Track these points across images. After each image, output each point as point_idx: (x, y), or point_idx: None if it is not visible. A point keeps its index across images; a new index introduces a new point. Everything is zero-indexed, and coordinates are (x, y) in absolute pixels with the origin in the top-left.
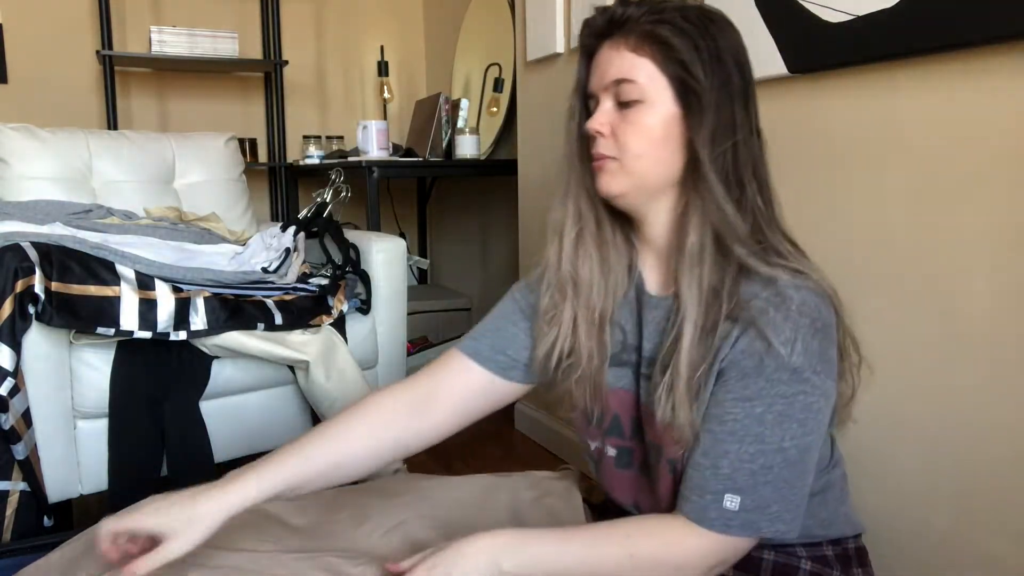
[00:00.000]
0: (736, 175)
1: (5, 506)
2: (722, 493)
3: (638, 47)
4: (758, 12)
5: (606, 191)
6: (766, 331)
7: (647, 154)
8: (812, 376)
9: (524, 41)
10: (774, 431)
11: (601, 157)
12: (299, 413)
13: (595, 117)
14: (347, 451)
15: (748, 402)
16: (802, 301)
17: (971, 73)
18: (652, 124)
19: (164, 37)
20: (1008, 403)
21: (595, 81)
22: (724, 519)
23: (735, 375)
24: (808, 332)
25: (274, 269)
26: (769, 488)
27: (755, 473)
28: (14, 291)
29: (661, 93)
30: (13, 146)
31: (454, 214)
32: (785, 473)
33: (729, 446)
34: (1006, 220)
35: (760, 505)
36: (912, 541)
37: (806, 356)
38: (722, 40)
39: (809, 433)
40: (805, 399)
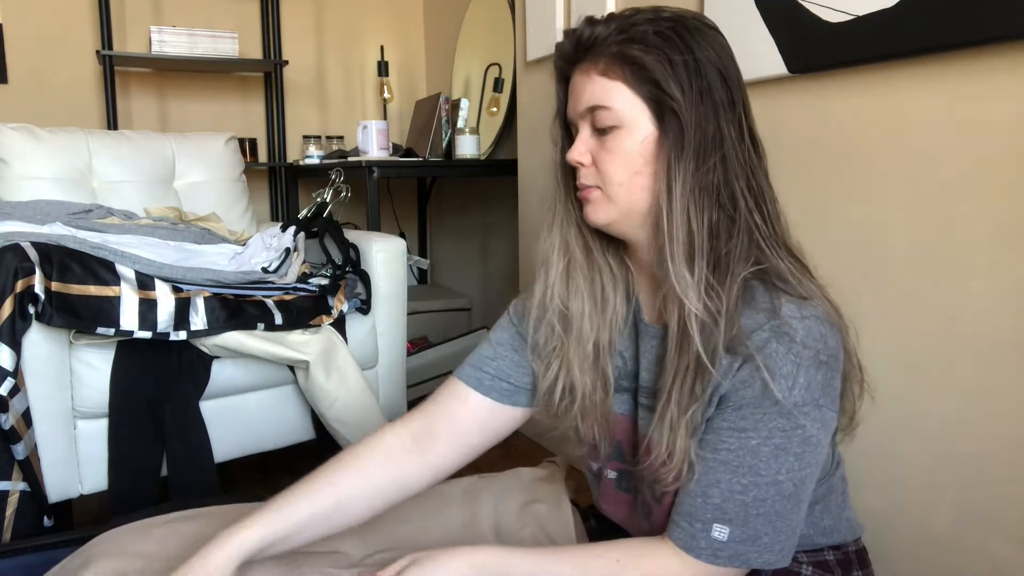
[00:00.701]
0: (728, 191)
1: (5, 506)
2: (711, 523)
3: (608, 70)
4: (758, 12)
5: (593, 221)
6: (767, 364)
7: (629, 181)
8: (812, 411)
9: (524, 41)
10: (769, 464)
11: (584, 188)
12: (299, 413)
13: (574, 147)
14: (342, 495)
15: (743, 433)
16: (806, 332)
17: (971, 73)
18: (631, 150)
19: (164, 37)
20: (1008, 403)
21: (571, 108)
22: (712, 549)
23: (732, 404)
24: (811, 365)
25: (274, 269)
26: (760, 520)
27: (747, 505)
28: (14, 291)
29: (638, 116)
30: (13, 146)
31: (454, 214)
32: (778, 506)
33: (721, 475)
34: (1006, 220)
35: (750, 537)
36: (912, 541)
37: (808, 391)
38: (700, 51)
39: (806, 467)
40: (803, 433)
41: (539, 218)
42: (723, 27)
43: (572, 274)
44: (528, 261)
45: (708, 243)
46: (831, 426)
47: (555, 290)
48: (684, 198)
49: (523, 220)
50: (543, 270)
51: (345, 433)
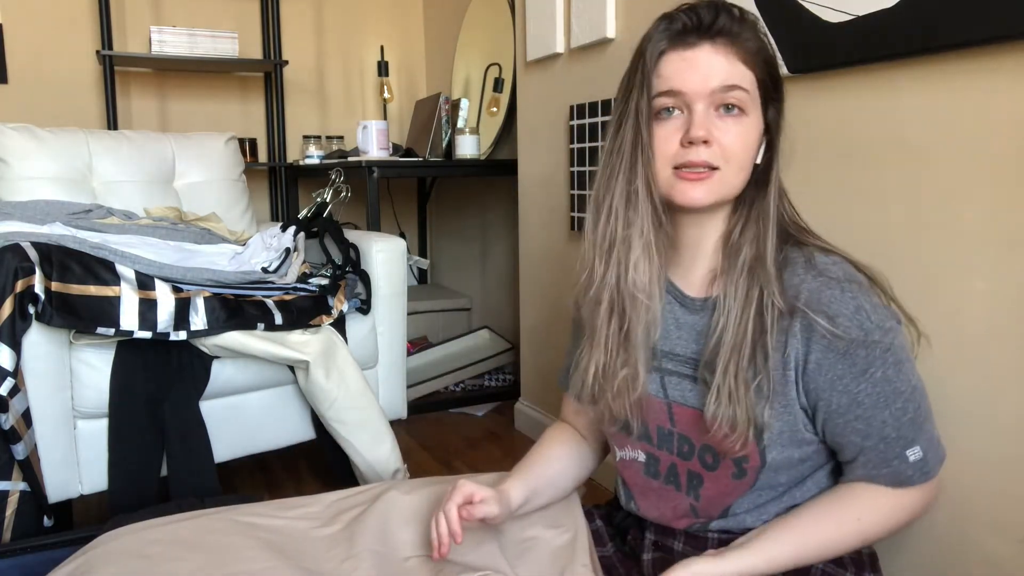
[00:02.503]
0: (779, 174)
1: (5, 506)
2: (903, 452)
3: (745, 57)
4: (758, 12)
5: (698, 201)
6: (834, 310)
7: (746, 165)
8: (891, 323)
9: (524, 41)
10: (902, 379)
11: (703, 166)
12: (299, 413)
13: (697, 123)
14: (558, 469)
15: (866, 373)
16: (843, 271)
17: (971, 73)
18: (751, 133)
19: (164, 37)
20: (1008, 403)
21: (688, 80)
22: (920, 470)
23: (835, 360)
24: (861, 292)
25: (274, 269)
26: (928, 423)
27: (914, 419)
28: (14, 291)
29: (755, 104)
30: (13, 146)
31: (454, 214)
32: (925, 404)
33: (883, 415)
34: (1006, 220)
35: (932, 440)
36: (912, 541)
37: (876, 311)
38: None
39: (914, 368)
40: (898, 342)
41: (539, 218)
42: None
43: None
44: (528, 261)
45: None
46: (905, 332)
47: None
48: (775, 185)
49: (523, 220)
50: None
51: (345, 433)
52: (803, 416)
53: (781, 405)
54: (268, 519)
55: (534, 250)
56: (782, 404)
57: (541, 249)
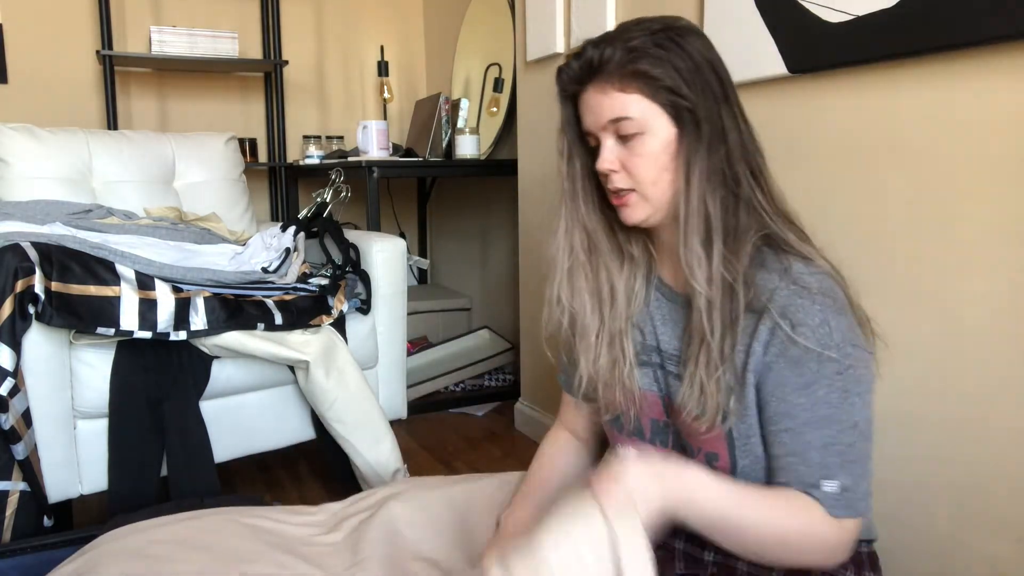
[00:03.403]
0: (732, 173)
1: (5, 506)
2: (820, 481)
3: (624, 86)
4: (758, 12)
5: (632, 221)
6: (799, 318)
7: (660, 179)
8: (853, 350)
9: (524, 41)
10: (842, 409)
11: (620, 192)
12: (299, 413)
13: (603, 157)
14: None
15: (808, 388)
16: (820, 284)
17: (971, 73)
18: (657, 151)
19: (164, 37)
20: (1008, 403)
21: (590, 122)
22: (835, 504)
23: (784, 366)
24: (834, 311)
25: (274, 269)
26: (856, 466)
27: (842, 454)
28: (14, 291)
29: (657, 119)
30: (13, 146)
31: (454, 214)
32: (860, 447)
33: (811, 436)
34: (1006, 220)
35: (854, 484)
36: (912, 542)
37: (841, 333)
38: (694, 51)
39: (867, 406)
40: (855, 372)
41: (539, 218)
42: (723, 27)
43: (575, 275)
44: (528, 261)
45: (721, 221)
46: (871, 367)
47: (559, 290)
48: (700, 185)
49: (523, 220)
50: (552, 273)
51: (345, 433)
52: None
53: (743, 407)
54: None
55: (534, 250)
56: (743, 406)
57: (541, 249)
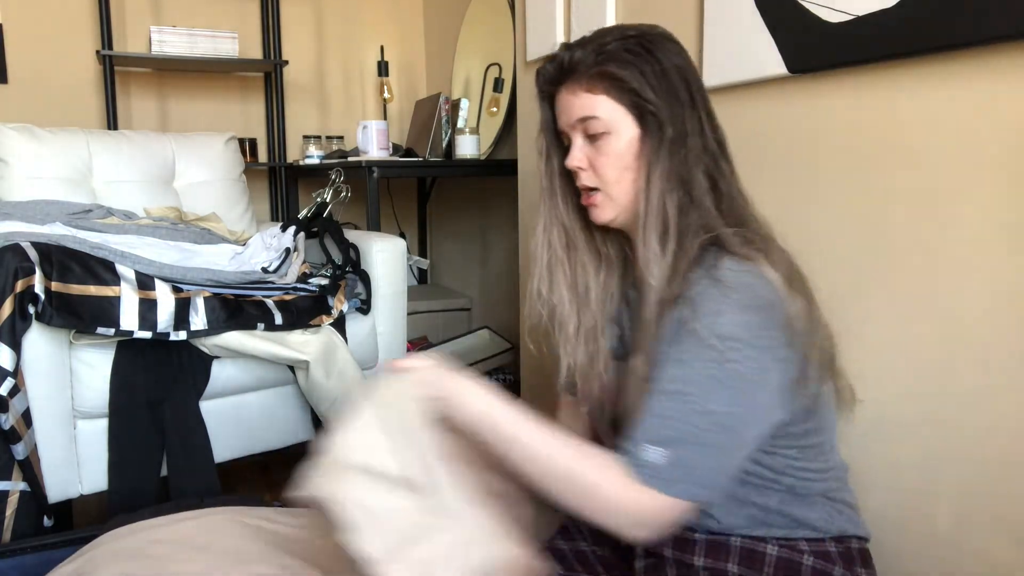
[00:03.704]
0: (689, 176)
1: (5, 506)
2: (646, 443)
3: (592, 87)
4: (758, 12)
5: (599, 220)
6: (698, 302)
7: (623, 178)
8: (745, 349)
9: (524, 41)
10: (703, 393)
11: (587, 190)
12: (299, 413)
13: (572, 155)
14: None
15: (681, 363)
16: (736, 279)
17: (971, 73)
18: (621, 150)
19: (164, 37)
20: (1008, 404)
21: (563, 122)
22: (649, 470)
23: (673, 341)
24: (738, 306)
25: (274, 269)
26: (693, 449)
27: (682, 431)
28: (14, 291)
29: (622, 120)
30: (13, 146)
31: (454, 214)
32: (710, 436)
33: (664, 403)
34: (1006, 220)
35: (683, 464)
36: (912, 542)
37: (736, 328)
38: (664, 59)
39: (739, 405)
40: (736, 368)
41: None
42: (723, 27)
43: (553, 270)
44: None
45: (676, 221)
46: (769, 373)
47: (539, 284)
48: (659, 185)
49: (523, 220)
50: (533, 268)
51: None
52: None
53: None
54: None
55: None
56: None
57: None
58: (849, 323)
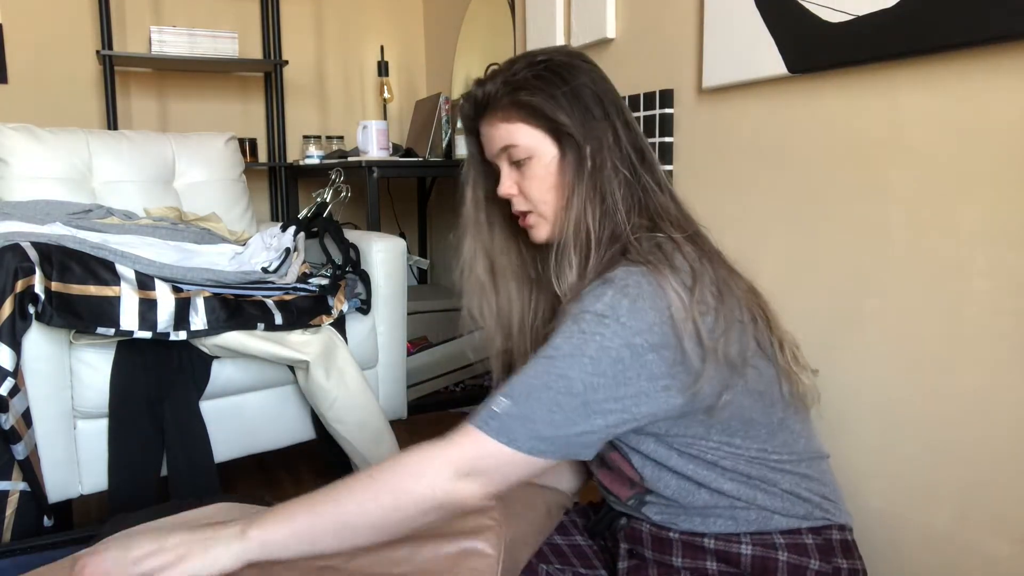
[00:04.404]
0: (605, 190)
1: (5, 506)
2: (497, 397)
3: (507, 117)
4: (758, 12)
5: (538, 240)
6: (583, 296)
7: (550, 198)
8: (613, 323)
9: (524, 41)
10: (564, 359)
11: (521, 214)
12: (299, 413)
13: (502, 183)
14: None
15: (554, 336)
16: (624, 275)
17: (971, 73)
18: (543, 173)
19: (164, 37)
20: (1008, 403)
21: (488, 152)
22: (487, 415)
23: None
24: (619, 291)
25: (274, 269)
26: (539, 405)
27: (533, 387)
28: (14, 291)
29: (541, 144)
30: (13, 146)
31: (454, 214)
32: (561, 399)
33: (529, 367)
34: (1006, 220)
35: (524, 415)
36: (912, 541)
37: (611, 307)
38: (574, 80)
39: (598, 375)
40: (601, 341)
41: None
42: (723, 27)
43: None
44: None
45: (596, 235)
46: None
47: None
48: (579, 202)
49: None
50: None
51: (345, 433)
52: None
53: None
54: None
55: None
56: None
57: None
58: (849, 323)
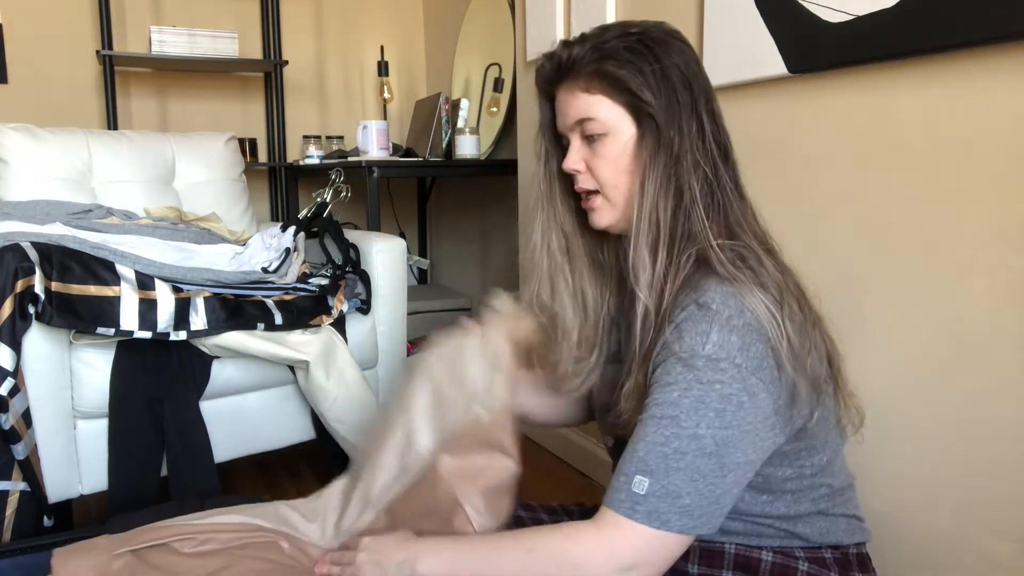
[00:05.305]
0: (682, 183)
1: (5, 506)
2: (633, 475)
3: (589, 86)
4: (758, 12)
5: (598, 225)
6: (685, 326)
7: (619, 181)
8: (729, 367)
9: (524, 41)
10: (689, 416)
11: (585, 192)
12: (299, 413)
13: (569, 157)
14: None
15: (667, 387)
16: (722, 301)
17: (971, 73)
18: (618, 153)
19: (164, 37)
20: (1008, 403)
21: (561, 122)
22: (631, 502)
23: (660, 365)
24: (725, 326)
25: (274, 269)
26: (681, 476)
27: (667, 457)
28: (14, 291)
29: (620, 122)
30: (13, 146)
31: (454, 214)
32: (699, 463)
33: (648, 429)
34: (1006, 220)
35: (670, 493)
36: (913, 542)
37: (722, 348)
38: (667, 59)
39: (727, 427)
40: (722, 389)
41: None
42: (723, 27)
43: (554, 277)
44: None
45: (668, 229)
46: (758, 395)
47: (540, 292)
48: (653, 191)
49: (523, 220)
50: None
51: (345, 433)
52: None
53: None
54: None
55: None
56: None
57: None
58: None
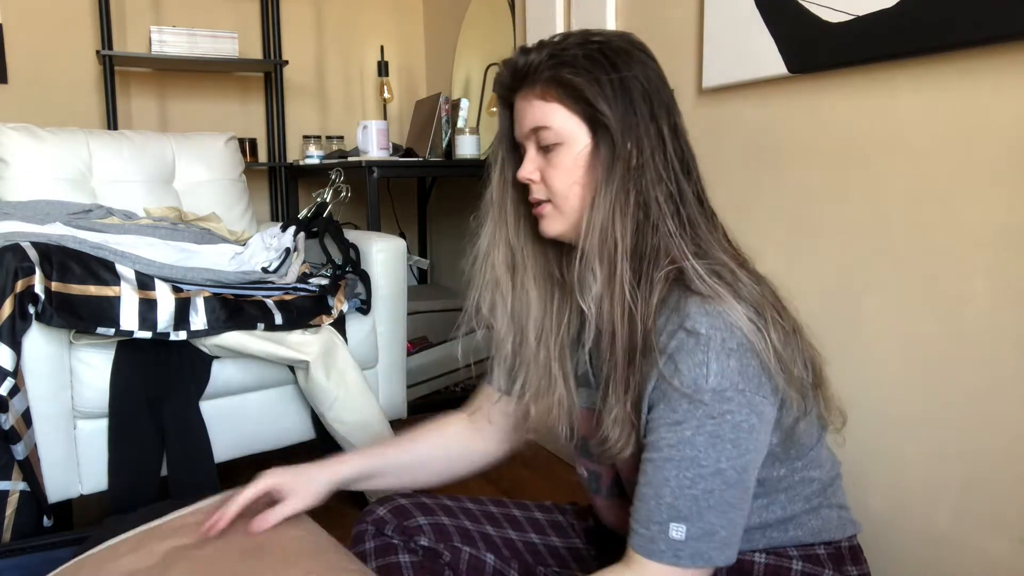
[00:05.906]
0: (645, 198)
1: (5, 506)
2: (667, 523)
3: (545, 94)
4: (758, 12)
5: (547, 233)
6: (680, 358)
7: (571, 192)
8: (735, 395)
9: (524, 41)
10: (708, 453)
11: (536, 202)
12: (299, 413)
13: (524, 166)
14: (422, 453)
15: (678, 426)
16: (710, 324)
17: (971, 73)
18: (571, 163)
19: (164, 37)
20: (1008, 403)
21: (517, 130)
22: (673, 550)
23: (662, 401)
24: (721, 353)
25: (274, 269)
26: (714, 513)
27: (697, 499)
28: (14, 291)
29: (576, 131)
30: (13, 146)
31: (454, 214)
32: (727, 495)
33: (668, 472)
34: (1006, 220)
35: (707, 532)
36: (913, 541)
37: (723, 377)
38: (626, 70)
39: (744, 453)
40: (733, 418)
41: None
42: (723, 27)
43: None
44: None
45: (630, 244)
46: (764, 414)
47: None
48: (606, 203)
49: None
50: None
51: (345, 433)
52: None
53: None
54: None
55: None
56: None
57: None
58: (849, 323)
